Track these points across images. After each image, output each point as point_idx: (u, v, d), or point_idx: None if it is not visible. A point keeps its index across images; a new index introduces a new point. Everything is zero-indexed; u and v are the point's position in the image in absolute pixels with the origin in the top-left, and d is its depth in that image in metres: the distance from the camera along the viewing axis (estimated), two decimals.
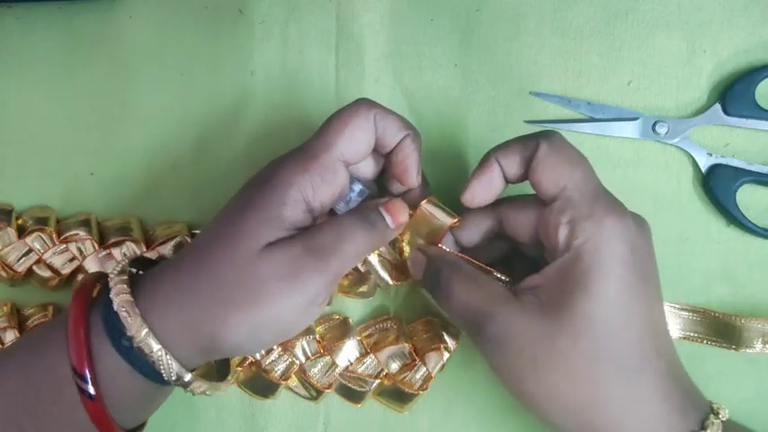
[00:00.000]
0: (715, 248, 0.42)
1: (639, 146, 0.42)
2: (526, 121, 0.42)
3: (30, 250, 0.39)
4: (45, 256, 0.39)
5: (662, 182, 0.42)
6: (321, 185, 0.32)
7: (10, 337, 0.39)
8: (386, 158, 0.36)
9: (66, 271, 0.39)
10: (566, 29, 0.43)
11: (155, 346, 0.30)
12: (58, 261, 0.39)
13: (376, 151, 0.35)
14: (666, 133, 0.42)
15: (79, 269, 0.40)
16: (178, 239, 0.39)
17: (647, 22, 0.42)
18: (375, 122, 0.34)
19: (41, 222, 0.39)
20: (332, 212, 0.36)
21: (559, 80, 0.42)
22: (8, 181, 0.42)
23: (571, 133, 0.42)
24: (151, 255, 0.39)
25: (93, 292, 0.32)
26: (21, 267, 0.39)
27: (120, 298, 0.30)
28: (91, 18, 0.42)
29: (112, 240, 0.39)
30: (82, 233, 0.39)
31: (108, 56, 0.43)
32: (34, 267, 0.40)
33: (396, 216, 0.34)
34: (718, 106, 0.42)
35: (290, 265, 0.30)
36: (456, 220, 0.36)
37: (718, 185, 0.41)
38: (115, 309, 0.30)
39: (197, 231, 0.40)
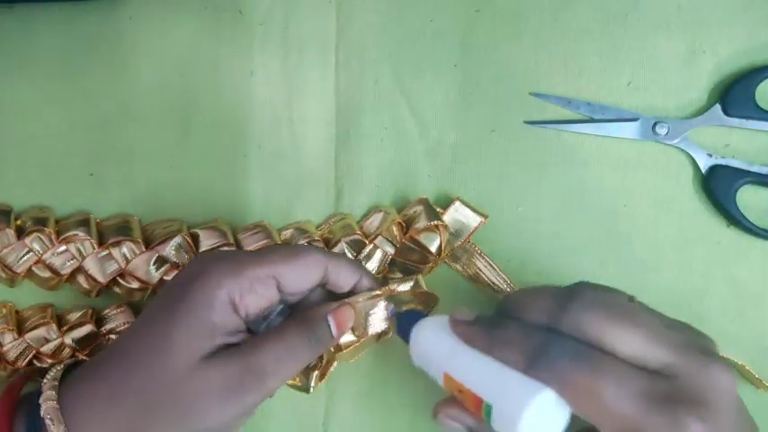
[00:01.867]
0: (715, 249, 0.42)
1: (639, 146, 0.42)
2: (526, 122, 0.42)
3: (29, 251, 0.39)
4: (44, 257, 0.39)
5: (662, 183, 0.42)
6: (249, 294, 0.31)
7: (8, 339, 0.39)
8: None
9: (65, 271, 0.39)
10: (565, 29, 0.43)
11: None
12: (57, 261, 0.39)
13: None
14: (666, 134, 0.42)
15: (78, 269, 0.39)
16: (178, 241, 0.39)
17: (646, 23, 0.42)
18: (325, 271, 0.33)
19: (40, 223, 0.39)
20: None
21: (559, 81, 0.42)
22: (7, 181, 0.42)
23: (571, 134, 0.42)
24: (147, 256, 0.39)
25: (21, 391, 0.32)
26: (20, 268, 0.39)
27: (47, 405, 0.30)
28: (91, 19, 0.42)
29: (111, 240, 0.39)
30: (81, 233, 0.39)
31: (108, 56, 0.42)
32: (34, 268, 0.40)
33: (343, 325, 0.34)
34: (718, 107, 0.42)
35: (227, 383, 0.30)
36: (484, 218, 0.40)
37: (718, 186, 0.41)
38: (42, 415, 0.30)
39: (196, 231, 0.40)
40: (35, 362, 0.39)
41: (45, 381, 0.31)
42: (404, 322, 0.34)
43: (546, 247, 0.42)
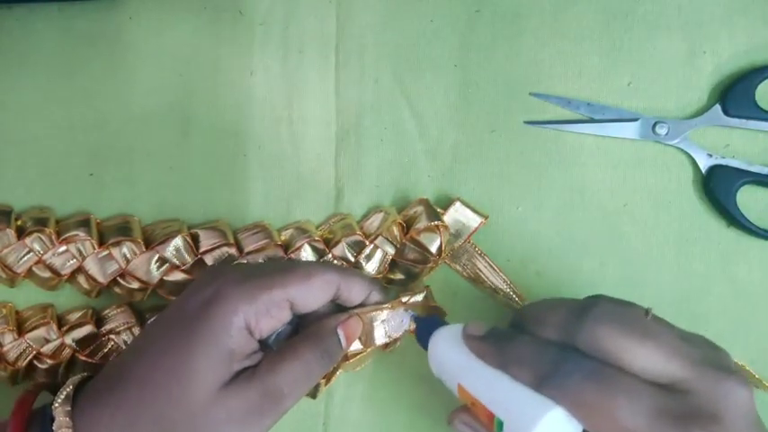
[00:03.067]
0: (715, 249, 0.42)
1: (639, 147, 0.42)
2: (526, 122, 0.42)
3: (29, 251, 0.39)
4: (45, 257, 0.39)
5: (662, 183, 0.42)
6: (265, 317, 0.32)
7: (8, 339, 0.39)
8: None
9: (65, 272, 0.39)
10: (565, 30, 0.43)
11: None
12: (57, 262, 0.39)
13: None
14: (666, 134, 0.42)
15: (79, 270, 0.39)
16: (178, 241, 0.39)
17: (646, 23, 0.42)
18: (338, 289, 0.34)
19: (41, 223, 0.39)
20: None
21: (559, 81, 0.42)
22: (8, 182, 0.42)
23: (571, 134, 0.42)
24: (148, 256, 0.39)
25: (32, 405, 0.32)
26: (20, 268, 0.39)
27: None
28: (91, 19, 0.42)
29: (112, 241, 0.39)
30: (81, 234, 0.39)
31: (108, 57, 0.42)
32: (34, 268, 0.40)
33: (351, 337, 0.34)
34: (718, 107, 0.42)
35: (247, 409, 0.30)
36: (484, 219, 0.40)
37: (718, 186, 0.41)
38: None
39: (196, 231, 0.40)
40: (35, 362, 0.39)
41: (56, 404, 0.31)
42: (423, 329, 0.34)
43: (546, 247, 0.42)
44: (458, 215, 0.41)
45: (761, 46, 0.42)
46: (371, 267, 0.40)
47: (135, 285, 0.40)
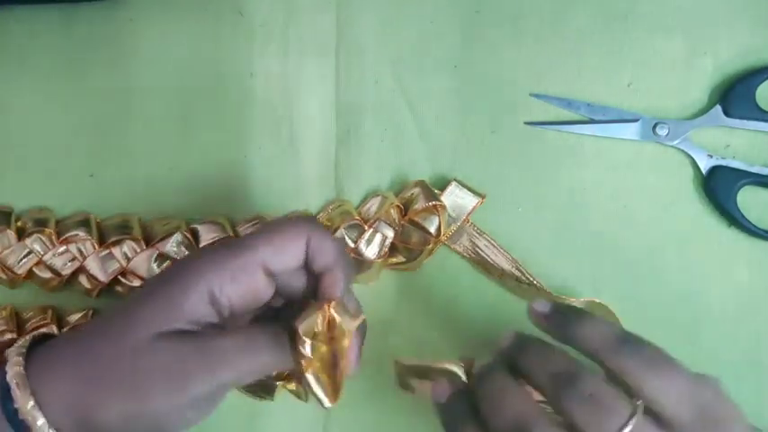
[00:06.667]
0: (715, 250, 0.42)
1: (640, 147, 0.42)
2: (526, 123, 0.42)
3: (30, 252, 0.39)
4: (45, 258, 0.39)
5: (662, 184, 0.42)
6: (231, 284, 0.30)
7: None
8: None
9: (66, 272, 0.39)
10: (566, 30, 0.43)
11: (39, 420, 0.29)
12: (58, 262, 0.39)
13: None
14: (667, 135, 0.42)
15: (80, 269, 0.40)
16: (178, 237, 0.39)
17: (646, 24, 0.42)
18: (308, 243, 0.31)
19: (41, 224, 0.39)
20: None
21: (559, 81, 0.43)
22: (8, 183, 0.42)
23: (571, 135, 0.42)
24: (148, 254, 0.39)
25: None
26: (21, 269, 0.39)
27: (13, 370, 0.30)
28: (92, 20, 0.43)
29: (112, 240, 0.39)
30: (81, 234, 0.39)
31: (108, 58, 0.43)
32: (34, 269, 0.40)
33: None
34: (718, 108, 0.42)
35: (176, 362, 0.29)
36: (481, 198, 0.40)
37: (718, 187, 0.41)
38: (7, 380, 0.29)
39: (195, 226, 0.40)
40: None
41: (9, 351, 0.31)
42: None
43: (546, 248, 0.42)
44: (454, 196, 0.41)
45: (761, 46, 0.42)
46: (371, 252, 0.40)
47: (136, 284, 0.40)
